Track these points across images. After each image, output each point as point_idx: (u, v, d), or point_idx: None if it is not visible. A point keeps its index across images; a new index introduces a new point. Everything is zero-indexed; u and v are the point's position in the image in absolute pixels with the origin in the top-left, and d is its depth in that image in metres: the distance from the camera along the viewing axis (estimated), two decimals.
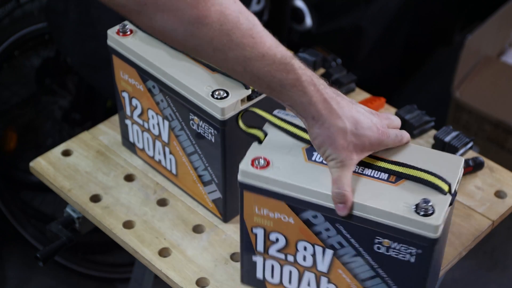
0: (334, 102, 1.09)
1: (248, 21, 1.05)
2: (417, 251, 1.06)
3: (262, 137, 1.18)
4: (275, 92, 1.08)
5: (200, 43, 1.04)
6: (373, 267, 1.11)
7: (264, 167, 1.12)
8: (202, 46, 1.04)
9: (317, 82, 1.09)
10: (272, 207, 1.14)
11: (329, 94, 1.10)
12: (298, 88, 1.07)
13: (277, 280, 1.23)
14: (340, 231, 1.10)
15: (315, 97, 1.08)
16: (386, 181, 1.09)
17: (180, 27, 1.02)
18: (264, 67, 1.06)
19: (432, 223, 1.03)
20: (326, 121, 1.08)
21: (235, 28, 1.03)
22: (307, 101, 1.08)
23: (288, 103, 1.09)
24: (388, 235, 1.06)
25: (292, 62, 1.07)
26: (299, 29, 2.34)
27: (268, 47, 1.06)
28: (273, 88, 1.08)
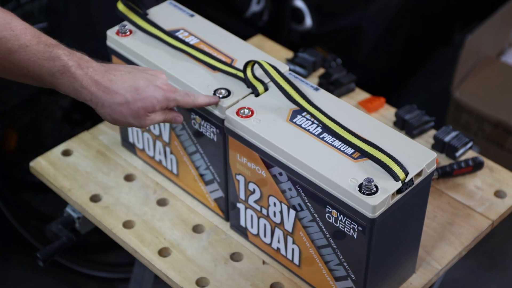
0: (105, 80, 1.11)
1: (5, 15, 1.07)
2: (357, 227, 1.11)
3: (261, 91, 1.24)
4: (47, 82, 1.09)
5: None
6: (326, 236, 1.17)
7: (247, 116, 1.20)
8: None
9: (85, 65, 1.10)
10: (249, 157, 1.21)
11: (99, 74, 1.11)
12: (67, 74, 1.09)
13: (255, 231, 1.31)
14: (300, 193, 1.17)
15: (85, 81, 1.10)
16: (349, 156, 1.15)
17: None
18: (30, 57, 1.06)
19: (370, 202, 1.08)
20: (104, 101, 1.11)
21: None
22: (79, 86, 1.09)
23: (64, 91, 1.10)
24: (335, 206, 1.13)
25: (57, 50, 1.08)
26: (299, 29, 2.34)
27: (30, 38, 1.07)
28: (44, 78, 1.08)
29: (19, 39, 1.06)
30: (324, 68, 1.68)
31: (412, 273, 1.30)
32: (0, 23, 1.06)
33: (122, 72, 1.14)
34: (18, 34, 1.07)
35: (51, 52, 1.08)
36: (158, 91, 1.15)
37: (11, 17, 1.08)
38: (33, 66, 1.08)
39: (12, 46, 1.06)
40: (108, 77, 1.12)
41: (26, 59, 1.07)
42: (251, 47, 1.35)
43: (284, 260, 1.30)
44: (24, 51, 1.07)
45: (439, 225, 1.38)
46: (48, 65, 1.08)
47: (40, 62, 1.08)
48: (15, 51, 1.06)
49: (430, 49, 2.92)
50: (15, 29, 1.07)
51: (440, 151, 1.49)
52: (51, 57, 1.08)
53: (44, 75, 1.09)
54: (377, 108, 1.59)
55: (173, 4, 1.44)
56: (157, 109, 1.15)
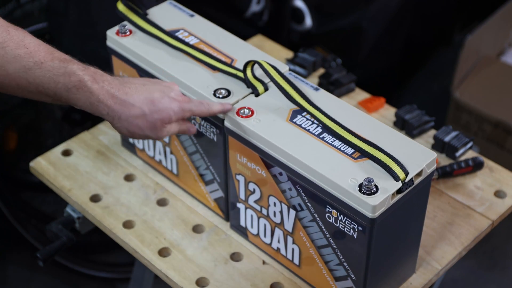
0: (121, 93, 1.11)
1: (18, 33, 1.06)
2: (357, 227, 1.11)
3: (261, 91, 1.24)
4: (63, 98, 1.09)
5: None
6: (326, 236, 1.17)
7: (247, 116, 1.20)
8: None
9: (100, 79, 1.10)
10: (249, 157, 1.21)
11: (115, 87, 1.11)
12: (83, 89, 1.09)
13: (255, 231, 1.31)
14: (300, 193, 1.17)
15: (102, 94, 1.10)
16: (349, 155, 1.15)
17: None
18: (45, 74, 1.06)
19: (370, 202, 1.08)
20: (121, 114, 1.11)
21: (8, 40, 1.04)
22: (96, 100, 1.09)
23: (80, 106, 1.10)
24: (335, 206, 1.12)
25: (71, 65, 1.08)
26: (299, 29, 2.34)
27: (44, 54, 1.07)
28: (60, 94, 1.08)
29: (33, 56, 1.06)
30: (324, 68, 1.68)
31: (412, 273, 1.30)
32: (14, 41, 1.05)
33: (136, 84, 1.14)
34: (32, 51, 1.06)
35: (66, 68, 1.08)
36: (173, 103, 1.15)
37: (24, 34, 1.07)
38: (49, 83, 1.07)
39: (27, 64, 1.06)
40: (123, 90, 1.12)
41: (41, 76, 1.07)
42: (251, 47, 1.35)
43: (284, 260, 1.30)
44: (39, 68, 1.07)
45: (439, 225, 1.38)
46: (64, 81, 1.08)
47: (56, 78, 1.08)
48: (30, 69, 1.06)
49: (430, 49, 2.92)
50: (29, 46, 1.07)
51: (440, 151, 1.49)
52: (66, 72, 1.08)
53: (60, 91, 1.08)
54: (377, 108, 1.59)
55: (173, 4, 1.44)
56: (173, 120, 1.15)
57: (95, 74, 1.11)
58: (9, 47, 1.05)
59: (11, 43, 1.05)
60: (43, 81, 1.07)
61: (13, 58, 1.05)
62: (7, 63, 1.05)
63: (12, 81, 1.06)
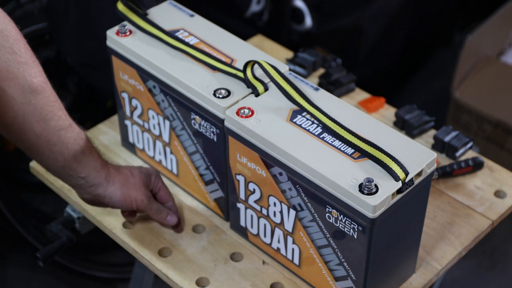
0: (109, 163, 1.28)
1: (57, 97, 1.17)
2: (357, 227, 1.11)
3: (261, 91, 1.25)
4: (76, 162, 1.20)
5: (32, 112, 1.13)
6: (326, 236, 1.17)
7: (247, 116, 1.20)
8: (33, 115, 1.13)
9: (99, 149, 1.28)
10: (250, 157, 1.21)
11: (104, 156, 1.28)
12: (94, 154, 1.23)
13: (255, 231, 1.31)
14: (300, 193, 1.17)
15: (102, 160, 1.25)
16: (349, 155, 1.15)
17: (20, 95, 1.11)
18: (72, 136, 1.18)
19: (370, 202, 1.08)
20: (115, 177, 1.26)
21: (56, 100, 1.16)
22: (100, 165, 1.24)
23: (85, 173, 1.22)
24: (335, 206, 1.12)
25: (85, 133, 1.23)
26: (299, 29, 2.34)
27: (71, 119, 1.19)
28: (76, 157, 1.20)
29: (68, 119, 1.19)
30: (324, 68, 1.68)
31: (412, 273, 1.30)
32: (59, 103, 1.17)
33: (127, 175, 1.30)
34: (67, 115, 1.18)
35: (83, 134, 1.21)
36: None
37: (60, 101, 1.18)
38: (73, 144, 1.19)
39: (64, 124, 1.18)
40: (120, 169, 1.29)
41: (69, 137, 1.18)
42: (251, 47, 1.35)
43: (284, 260, 1.30)
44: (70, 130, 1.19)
45: (439, 225, 1.38)
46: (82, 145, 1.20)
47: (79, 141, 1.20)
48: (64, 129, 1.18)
49: (430, 49, 2.92)
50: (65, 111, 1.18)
51: (440, 151, 1.49)
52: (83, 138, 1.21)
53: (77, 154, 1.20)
54: (377, 108, 1.59)
55: (173, 4, 1.44)
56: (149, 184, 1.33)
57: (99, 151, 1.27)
58: (56, 106, 1.16)
59: (58, 104, 1.16)
60: (69, 141, 1.18)
61: (56, 115, 1.16)
62: (51, 119, 1.15)
63: (48, 135, 1.16)
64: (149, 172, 1.32)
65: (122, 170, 1.28)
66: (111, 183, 1.25)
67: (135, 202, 1.28)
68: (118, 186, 1.26)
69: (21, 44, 1.10)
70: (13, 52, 1.09)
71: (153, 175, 1.32)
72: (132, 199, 1.27)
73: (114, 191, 1.25)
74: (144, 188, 1.29)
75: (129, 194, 1.27)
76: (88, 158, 1.22)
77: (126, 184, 1.27)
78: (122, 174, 1.27)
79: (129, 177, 1.28)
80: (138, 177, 1.29)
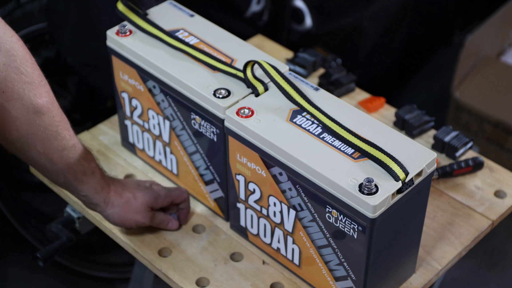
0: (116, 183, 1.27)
1: (64, 116, 1.17)
2: (358, 227, 1.11)
3: (261, 91, 1.25)
4: (77, 181, 1.20)
5: (36, 132, 1.13)
6: (326, 236, 1.17)
7: (247, 116, 1.20)
8: (36, 134, 1.13)
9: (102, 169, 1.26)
10: (249, 157, 1.21)
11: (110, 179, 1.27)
12: (95, 175, 1.23)
13: (255, 231, 1.31)
14: (300, 193, 1.17)
15: (104, 182, 1.24)
16: (349, 155, 1.15)
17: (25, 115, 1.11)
18: (74, 156, 1.18)
19: (370, 202, 1.08)
20: (115, 201, 1.25)
21: (61, 120, 1.16)
22: (101, 187, 1.23)
23: (85, 192, 1.23)
24: (335, 206, 1.12)
25: (91, 152, 1.23)
26: (299, 29, 2.34)
27: (77, 139, 1.19)
28: (77, 176, 1.20)
29: (73, 139, 1.19)
30: (324, 68, 1.68)
31: (412, 273, 1.30)
32: (65, 122, 1.17)
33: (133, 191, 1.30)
34: (72, 135, 1.18)
35: (88, 154, 1.21)
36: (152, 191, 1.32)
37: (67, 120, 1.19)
38: (74, 164, 1.19)
39: (67, 144, 1.17)
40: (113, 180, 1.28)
41: (71, 157, 1.18)
42: (251, 47, 1.35)
43: (284, 260, 1.30)
44: (73, 150, 1.19)
45: (439, 225, 1.38)
46: (85, 165, 1.20)
47: (81, 162, 1.20)
48: (67, 149, 1.18)
49: (430, 49, 2.92)
50: (70, 131, 1.18)
51: (440, 151, 1.49)
52: (88, 158, 1.21)
53: (79, 174, 1.20)
54: (377, 108, 1.59)
55: (173, 4, 1.44)
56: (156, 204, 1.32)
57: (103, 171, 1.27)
58: (60, 127, 1.16)
59: (63, 124, 1.16)
60: (71, 162, 1.18)
61: (59, 135, 1.16)
62: (54, 139, 1.15)
63: (50, 154, 1.16)
64: (156, 194, 1.31)
65: (124, 193, 1.27)
66: (110, 206, 1.25)
67: (135, 224, 1.29)
68: (117, 211, 1.26)
69: (28, 64, 1.10)
70: (19, 72, 1.08)
71: (159, 197, 1.31)
72: (131, 222, 1.28)
73: (112, 214, 1.26)
74: (145, 211, 1.29)
75: (128, 218, 1.27)
76: (89, 179, 1.22)
77: (126, 208, 1.27)
78: (123, 198, 1.26)
79: (130, 201, 1.27)
80: (141, 201, 1.28)
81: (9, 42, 1.07)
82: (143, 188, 1.30)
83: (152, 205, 1.31)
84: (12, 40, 1.08)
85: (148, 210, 1.30)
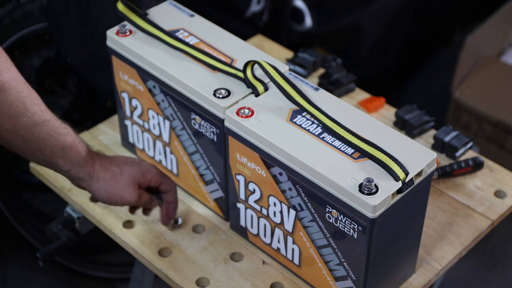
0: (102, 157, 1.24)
1: (33, 90, 1.13)
2: (358, 227, 1.11)
3: (261, 91, 1.25)
4: (55, 157, 1.17)
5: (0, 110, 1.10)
6: (326, 236, 1.17)
7: (247, 116, 1.20)
8: (1, 112, 1.10)
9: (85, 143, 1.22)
10: (249, 157, 1.21)
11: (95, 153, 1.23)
12: (75, 149, 1.18)
13: (255, 231, 1.31)
14: (300, 193, 1.17)
15: (87, 155, 1.20)
16: (349, 155, 1.15)
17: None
18: (49, 131, 1.14)
19: (370, 202, 1.08)
20: (100, 174, 1.21)
21: (28, 96, 1.12)
22: (84, 159, 1.19)
23: (67, 167, 1.19)
24: (335, 206, 1.12)
25: (68, 126, 1.18)
26: (299, 29, 2.34)
27: (50, 114, 1.15)
28: (55, 152, 1.16)
29: (44, 114, 1.14)
30: (324, 68, 1.68)
31: (412, 273, 1.30)
32: (33, 98, 1.13)
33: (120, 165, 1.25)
34: (43, 110, 1.14)
35: (65, 128, 1.17)
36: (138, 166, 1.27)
37: (37, 94, 1.15)
38: (49, 140, 1.15)
39: (38, 119, 1.13)
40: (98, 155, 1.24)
41: (45, 132, 1.14)
42: (251, 47, 1.35)
43: (284, 260, 1.30)
44: (46, 125, 1.14)
45: (439, 225, 1.38)
46: (61, 140, 1.16)
47: (57, 137, 1.15)
48: (39, 125, 1.13)
49: (430, 49, 2.92)
50: (41, 105, 1.14)
51: (440, 151, 1.49)
52: (65, 133, 1.17)
53: (56, 149, 1.16)
54: (377, 108, 1.59)
55: (173, 4, 1.44)
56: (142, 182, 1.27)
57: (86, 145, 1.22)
58: (27, 102, 1.11)
59: (30, 99, 1.12)
60: (45, 137, 1.14)
61: (28, 112, 1.12)
62: (23, 115, 1.11)
63: (20, 132, 1.13)
64: (144, 169, 1.26)
65: (110, 167, 1.23)
66: (95, 180, 1.21)
67: (121, 201, 1.25)
68: (103, 185, 1.22)
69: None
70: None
71: (148, 173, 1.27)
72: (117, 198, 1.24)
73: (98, 188, 1.22)
74: (131, 187, 1.25)
75: (114, 194, 1.23)
76: (69, 154, 1.17)
77: (112, 183, 1.23)
78: (108, 172, 1.22)
79: (117, 176, 1.23)
80: (128, 176, 1.24)
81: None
82: (130, 162, 1.26)
83: (140, 181, 1.26)
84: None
85: (135, 186, 1.25)
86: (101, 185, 1.22)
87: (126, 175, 1.24)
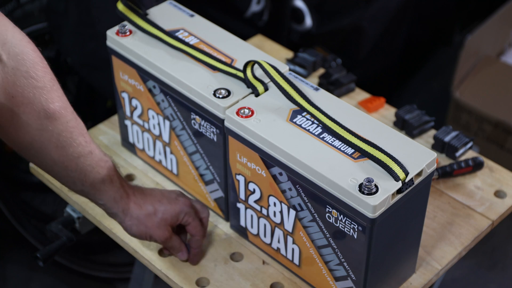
0: (138, 193, 1.22)
1: (80, 120, 1.13)
2: (358, 227, 1.11)
3: (261, 91, 1.25)
4: (94, 189, 1.17)
5: (49, 138, 1.09)
6: (326, 236, 1.17)
7: (247, 116, 1.20)
8: (50, 141, 1.10)
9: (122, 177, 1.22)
10: (249, 157, 1.21)
11: (131, 188, 1.22)
12: (114, 184, 1.18)
13: (255, 231, 1.31)
14: (300, 193, 1.17)
15: (124, 190, 1.20)
16: (349, 155, 1.14)
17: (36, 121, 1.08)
18: (91, 163, 1.14)
19: (370, 202, 1.08)
20: (134, 212, 1.21)
21: (76, 126, 1.11)
22: (120, 196, 1.19)
23: (103, 201, 1.19)
24: (335, 206, 1.12)
25: (110, 159, 1.18)
26: (299, 29, 2.34)
27: (94, 145, 1.15)
28: (94, 185, 1.16)
29: (89, 145, 1.14)
30: (324, 68, 1.68)
31: (412, 273, 1.30)
32: (80, 128, 1.13)
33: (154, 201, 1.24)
34: (88, 141, 1.14)
35: (106, 162, 1.16)
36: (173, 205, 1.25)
37: (83, 125, 1.15)
38: (91, 172, 1.15)
39: (83, 151, 1.13)
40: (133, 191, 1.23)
41: (88, 164, 1.14)
42: (251, 47, 1.35)
43: (284, 260, 1.30)
44: (90, 157, 1.14)
45: (439, 225, 1.38)
46: (102, 173, 1.16)
47: (98, 169, 1.15)
48: (83, 156, 1.13)
49: (430, 49, 2.92)
50: (86, 136, 1.14)
51: (440, 151, 1.49)
52: (106, 166, 1.16)
53: (96, 182, 1.16)
54: (377, 108, 1.59)
55: (173, 4, 1.44)
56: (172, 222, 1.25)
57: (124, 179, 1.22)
58: (75, 132, 1.11)
59: (77, 129, 1.12)
60: (87, 169, 1.14)
61: (75, 142, 1.12)
62: (69, 146, 1.11)
63: (65, 162, 1.12)
64: (179, 210, 1.25)
65: (145, 206, 1.22)
66: (129, 217, 1.21)
67: (150, 239, 1.24)
68: (136, 223, 1.21)
69: (38, 68, 1.06)
70: (29, 76, 1.05)
71: (182, 213, 1.25)
72: (148, 237, 1.23)
73: (130, 226, 1.21)
74: (164, 228, 1.23)
75: (145, 232, 1.22)
76: (107, 188, 1.17)
77: (145, 221, 1.21)
78: (142, 210, 1.21)
79: (151, 215, 1.22)
80: (161, 216, 1.23)
81: (18, 45, 1.04)
82: (166, 201, 1.24)
83: (172, 222, 1.24)
84: (21, 43, 1.05)
85: (166, 228, 1.24)
86: (133, 223, 1.21)
87: (160, 215, 1.23)
